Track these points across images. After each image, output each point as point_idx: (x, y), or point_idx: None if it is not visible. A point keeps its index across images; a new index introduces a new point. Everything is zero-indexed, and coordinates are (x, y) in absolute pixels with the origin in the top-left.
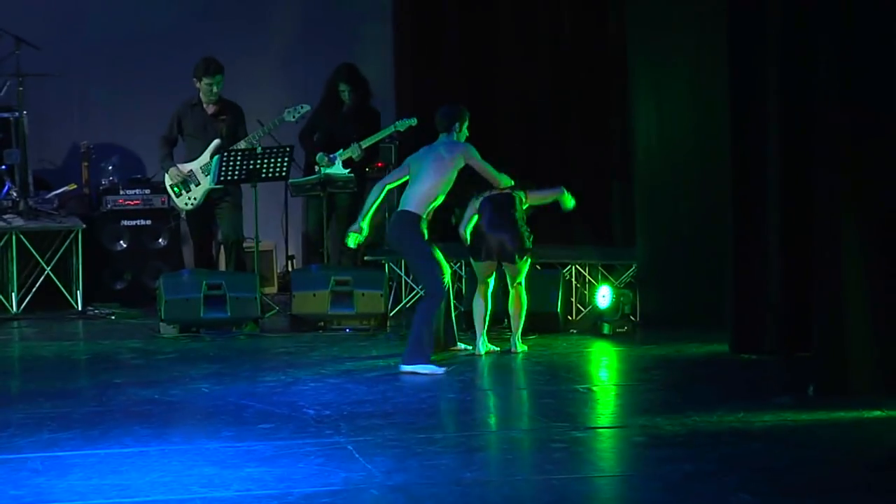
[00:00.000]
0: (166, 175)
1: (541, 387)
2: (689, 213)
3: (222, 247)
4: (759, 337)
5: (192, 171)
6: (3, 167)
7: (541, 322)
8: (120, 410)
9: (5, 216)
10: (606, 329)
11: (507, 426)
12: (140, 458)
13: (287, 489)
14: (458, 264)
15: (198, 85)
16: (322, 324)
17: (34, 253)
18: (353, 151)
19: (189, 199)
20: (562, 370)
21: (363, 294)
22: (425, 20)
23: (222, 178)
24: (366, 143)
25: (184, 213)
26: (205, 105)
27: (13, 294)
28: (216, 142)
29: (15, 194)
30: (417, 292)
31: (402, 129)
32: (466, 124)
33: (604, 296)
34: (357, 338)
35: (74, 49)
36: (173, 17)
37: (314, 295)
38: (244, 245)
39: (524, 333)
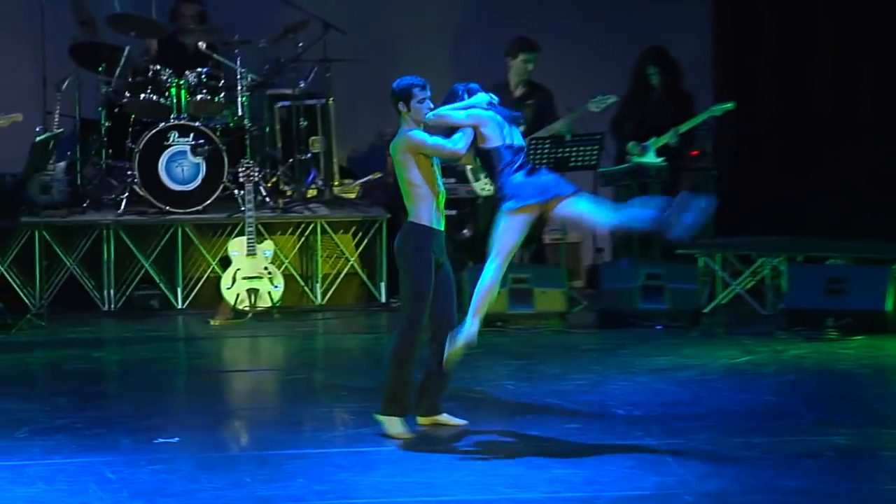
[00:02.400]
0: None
1: (869, 390)
2: None
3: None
4: None
5: None
6: (309, 155)
7: (868, 321)
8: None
9: (310, 204)
10: None
11: (831, 431)
12: (444, 456)
13: (596, 492)
14: None
15: (511, 63)
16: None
17: (337, 243)
18: (670, 137)
19: (486, 184)
20: (892, 373)
21: (676, 290)
22: None
23: None
24: (683, 129)
25: (479, 199)
26: (512, 88)
27: (317, 285)
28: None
29: (320, 182)
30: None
31: (719, 114)
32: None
33: None
34: (669, 335)
35: (381, 34)
36: (472, 5)
37: (626, 289)
38: (552, 237)
39: None
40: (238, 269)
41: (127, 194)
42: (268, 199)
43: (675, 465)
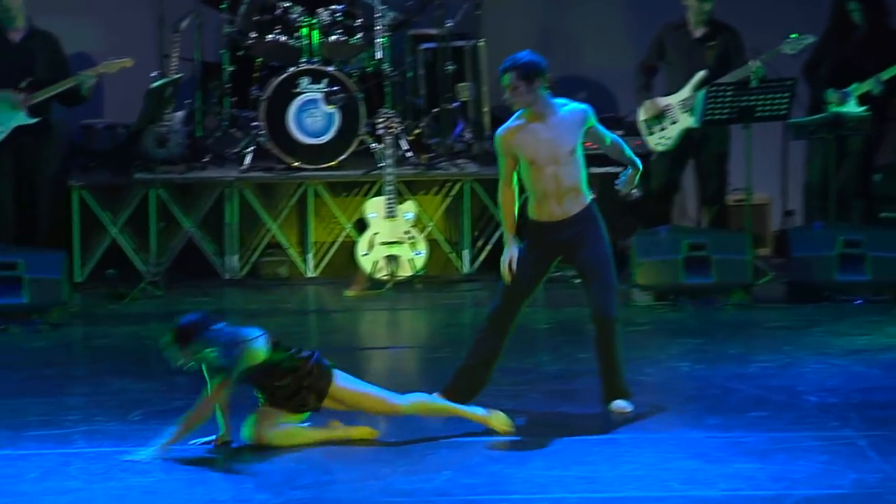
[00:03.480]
0: (640, 109)
1: None
2: None
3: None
4: None
5: (669, 105)
6: (456, 104)
7: None
8: (585, 390)
9: (457, 160)
10: None
11: None
12: (609, 447)
13: (784, 490)
14: None
15: (685, 2)
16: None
17: (488, 204)
18: (872, 85)
19: (661, 138)
20: None
21: (879, 259)
22: None
23: (708, 117)
24: (885, 75)
25: (654, 155)
26: (691, 28)
27: (465, 251)
28: (701, 74)
29: (468, 135)
30: None
31: None
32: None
33: None
34: (870, 311)
35: None
36: None
37: (820, 258)
38: (733, 198)
39: None
40: (376, 234)
41: (252, 148)
42: (409, 155)
43: (877, 460)
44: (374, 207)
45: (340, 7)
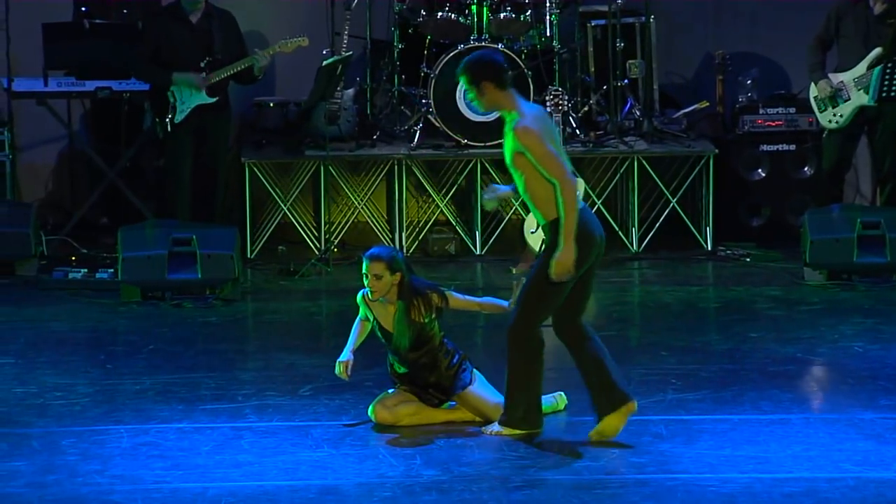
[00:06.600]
0: (812, 85)
1: None
2: None
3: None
4: None
5: (842, 82)
6: (625, 81)
7: None
8: (756, 370)
9: (626, 138)
10: None
11: None
12: (780, 428)
13: None
14: None
15: None
16: None
17: (658, 182)
18: None
19: (834, 116)
20: None
21: None
22: None
23: (883, 94)
24: None
25: (825, 132)
26: (872, 3)
27: (633, 230)
28: (876, 51)
29: (638, 113)
30: None
31: None
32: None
33: None
34: None
35: None
36: None
37: None
38: None
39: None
40: None
41: (421, 125)
42: (578, 132)
43: None
44: None
45: None
